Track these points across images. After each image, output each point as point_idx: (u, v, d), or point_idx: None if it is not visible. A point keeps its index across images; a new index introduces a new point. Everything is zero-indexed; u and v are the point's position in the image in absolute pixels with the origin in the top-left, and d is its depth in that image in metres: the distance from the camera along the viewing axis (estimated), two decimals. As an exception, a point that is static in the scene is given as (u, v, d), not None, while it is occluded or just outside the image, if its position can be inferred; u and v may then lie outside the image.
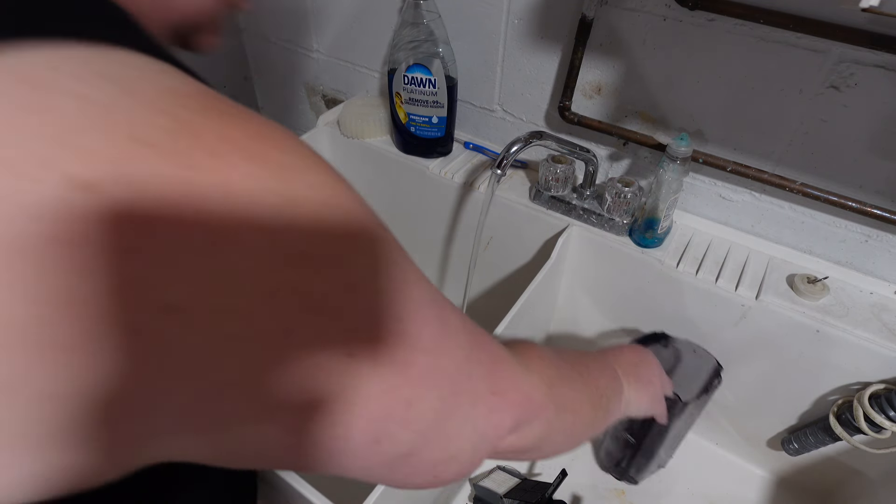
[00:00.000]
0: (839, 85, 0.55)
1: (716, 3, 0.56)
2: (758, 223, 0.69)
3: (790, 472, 0.75)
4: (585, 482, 0.76)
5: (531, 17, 0.69)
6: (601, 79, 0.69)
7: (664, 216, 0.65)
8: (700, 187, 0.70)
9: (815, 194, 0.60)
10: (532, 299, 0.65)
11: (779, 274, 0.65)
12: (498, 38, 0.73)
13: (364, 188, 0.94)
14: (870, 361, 0.59)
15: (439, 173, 0.80)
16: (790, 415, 0.69)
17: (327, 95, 1.00)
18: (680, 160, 0.60)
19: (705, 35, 0.59)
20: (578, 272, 0.75)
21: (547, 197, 0.73)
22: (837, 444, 0.64)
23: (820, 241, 0.66)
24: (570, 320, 0.82)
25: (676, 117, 0.66)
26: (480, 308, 0.93)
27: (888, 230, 0.61)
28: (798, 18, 0.53)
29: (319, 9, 0.88)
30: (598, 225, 0.71)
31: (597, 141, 0.75)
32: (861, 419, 0.58)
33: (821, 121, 0.58)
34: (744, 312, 0.64)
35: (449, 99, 0.75)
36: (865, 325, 0.59)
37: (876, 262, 0.63)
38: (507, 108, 0.79)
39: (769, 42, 0.56)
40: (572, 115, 0.71)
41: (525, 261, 0.81)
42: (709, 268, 0.66)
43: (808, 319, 0.61)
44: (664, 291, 0.68)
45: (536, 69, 0.73)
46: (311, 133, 0.89)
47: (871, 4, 0.34)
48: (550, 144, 0.67)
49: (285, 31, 0.96)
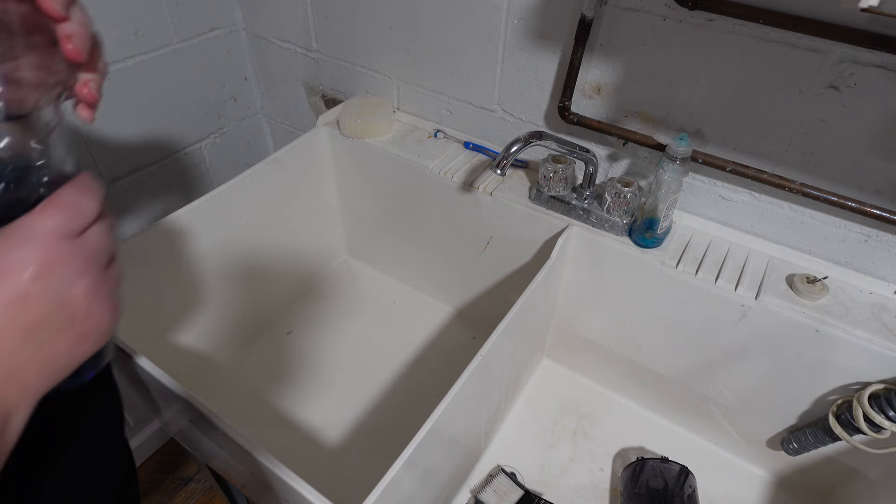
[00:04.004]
0: (839, 85, 0.55)
1: (716, 3, 0.56)
2: (757, 223, 0.69)
3: (790, 472, 0.75)
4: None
5: (531, 17, 0.69)
6: (601, 79, 0.69)
7: (664, 216, 0.65)
8: (700, 187, 0.70)
9: (815, 194, 0.60)
10: (532, 299, 0.65)
11: (778, 274, 0.65)
12: (498, 38, 0.73)
13: (364, 188, 0.94)
14: (869, 361, 0.59)
15: (439, 173, 0.80)
16: (790, 415, 0.69)
17: (327, 95, 1.00)
18: (679, 160, 0.60)
19: (705, 35, 0.59)
20: (578, 272, 0.75)
21: (547, 197, 0.73)
22: (837, 444, 0.64)
23: (819, 241, 0.66)
24: (570, 320, 0.82)
25: (676, 117, 0.66)
26: (480, 308, 0.93)
27: (888, 230, 0.61)
28: (798, 18, 0.53)
29: (319, 9, 0.88)
30: (598, 225, 0.71)
31: (596, 141, 0.75)
32: (860, 419, 0.58)
33: (820, 121, 0.58)
34: (743, 312, 0.64)
35: None
36: (865, 325, 0.59)
37: (875, 262, 0.63)
38: (507, 108, 0.80)
39: (769, 42, 0.56)
40: (572, 115, 0.71)
41: (525, 261, 0.81)
42: (708, 268, 0.66)
43: (808, 319, 0.61)
44: (664, 291, 0.68)
45: (536, 69, 0.73)
46: (311, 133, 0.89)
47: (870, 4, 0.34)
48: (550, 144, 0.67)
49: (285, 31, 0.96)
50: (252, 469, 0.58)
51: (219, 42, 0.99)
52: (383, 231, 0.98)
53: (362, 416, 0.83)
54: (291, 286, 1.00)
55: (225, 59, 1.01)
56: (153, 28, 0.87)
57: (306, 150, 0.89)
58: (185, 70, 0.95)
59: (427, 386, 0.87)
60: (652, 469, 0.70)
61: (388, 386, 0.87)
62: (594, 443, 0.80)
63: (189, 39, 0.93)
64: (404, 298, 1.01)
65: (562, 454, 0.78)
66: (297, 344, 0.93)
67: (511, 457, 0.77)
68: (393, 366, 0.90)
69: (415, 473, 0.52)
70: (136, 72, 0.88)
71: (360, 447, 0.79)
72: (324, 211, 0.99)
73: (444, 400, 0.52)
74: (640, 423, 0.82)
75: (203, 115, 1.02)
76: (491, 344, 0.57)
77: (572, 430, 0.81)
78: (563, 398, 0.85)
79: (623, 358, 0.80)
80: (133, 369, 0.57)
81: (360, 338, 0.94)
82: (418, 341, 0.94)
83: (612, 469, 0.77)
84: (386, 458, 0.47)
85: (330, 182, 0.96)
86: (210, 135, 1.05)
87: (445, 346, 0.93)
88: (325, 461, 0.77)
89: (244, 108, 1.10)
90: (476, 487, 0.73)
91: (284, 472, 0.47)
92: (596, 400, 0.85)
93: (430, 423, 0.50)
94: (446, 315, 0.98)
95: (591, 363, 0.86)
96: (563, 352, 0.88)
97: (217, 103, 1.04)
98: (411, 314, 0.99)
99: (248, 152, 1.15)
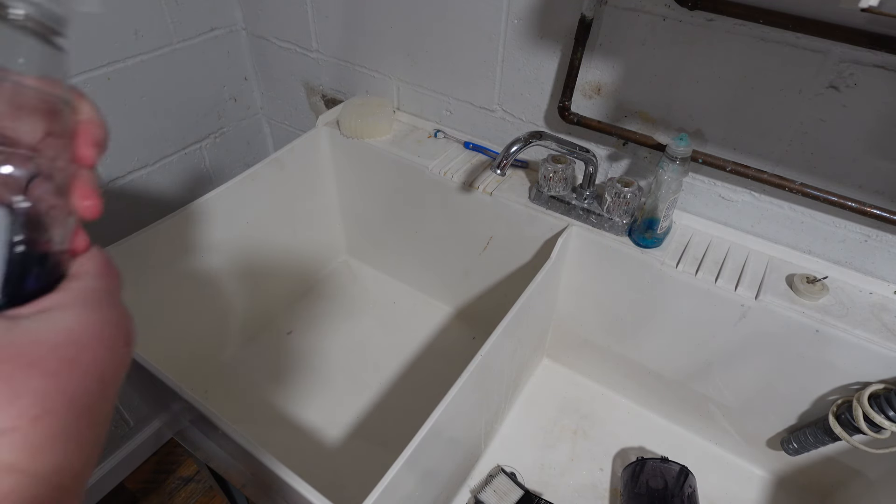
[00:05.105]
0: (839, 85, 0.55)
1: (715, 3, 0.56)
2: (757, 223, 0.69)
3: (790, 472, 0.75)
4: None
5: (531, 17, 0.69)
6: (601, 79, 0.69)
7: (664, 216, 0.65)
8: (699, 187, 0.70)
9: (815, 194, 0.60)
10: (532, 299, 0.65)
11: (778, 274, 0.65)
12: (497, 38, 0.73)
13: (364, 188, 0.94)
14: (869, 361, 0.59)
15: (439, 173, 0.80)
16: (790, 415, 0.69)
17: (327, 95, 1.00)
18: (679, 160, 0.60)
19: (705, 35, 0.59)
20: (578, 272, 0.75)
21: (547, 197, 0.73)
22: (837, 444, 0.64)
23: (819, 240, 0.66)
24: (570, 320, 0.82)
25: (676, 117, 0.66)
26: (480, 308, 0.93)
27: (887, 230, 0.61)
28: (798, 18, 0.53)
29: (319, 9, 0.88)
30: (598, 225, 0.71)
31: (596, 141, 0.75)
32: (860, 419, 0.58)
33: (820, 121, 0.58)
34: (743, 312, 0.64)
35: None
36: (865, 325, 0.59)
37: (875, 261, 0.63)
38: (507, 108, 0.80)
39: (769, 42, 0.56)
40: (572, 115, 0.71)
41: (525, 261, 0.81)
42: (708, 268, 0.66)
43: (808, 319, 0.61)
44: (664, 291, 0.68)
45: (536, 69, 0.73)
46: (311, 133, 0.89)
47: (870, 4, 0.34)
48: (550, 144, 0.67)
49: (285, 31, 0.96)
50: (252, 469, 0.58)
51: (219, 42, 0.99)
52: (383, 231, 0.98)
53: (362, 416, 0.83)
54: (291, 286, 1.00)
55: (225, 59, 1.01)
56: (153, 28, 0.87)
57: (306, 150, 0.89)
58: (185, 70, 0.95)
59: (427, 386, 0.87)
60: (652, 469, 0.70)
61: (388, 386, 0.87)
62: (594, 443, 0.80)
63: (189, 39, 0.93)
64: (404, 298, 1.01)
65: (562, 454, 0.78)
66: (297, 344, 0.93)
67: (511, 457, 0.77)
68: (393, 366, 0.90)
69: (415, 473, 0.52)
70: (136, 72, 0.88)
71: (360, 447, 0.79)
72: (324, 211, 0.99)
73: (444, 400, 0.52)
74: (640, 423, 0.82)
75: (203, 115, 1.02)
76: (491, 344, 0.57)
77: (572, 430, 0.81)
78: (563, 398, 0.85)
79: (623, 358, 0.80)
80: (133, 369, 0.57)
81: (360, 338, 0.94)
82: (418, 341, 0.94)
83: (612, 469, 0.77)
84: (386, 459, 0.47)
85: (330, 182, 0.96)
86: (210, 135, 1.05)
87: (445, 346, 0.93)
88: (325, 461, 0.77)
89: (244, 108, 1.10)
90: (476, 487, 0.73)
91: (284, 472, 0.47)
92: (596, 400, 0.85)
93: (430, 423, 0.50)
94: (446, 315, 0.98)
95: (591, 363, 0.86)
96: (563, 352, 0.88)
97: (217, 103, 1.04)
98: (411, 314, 0.99)
99: (248, 152, 1.15)
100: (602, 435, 0.81)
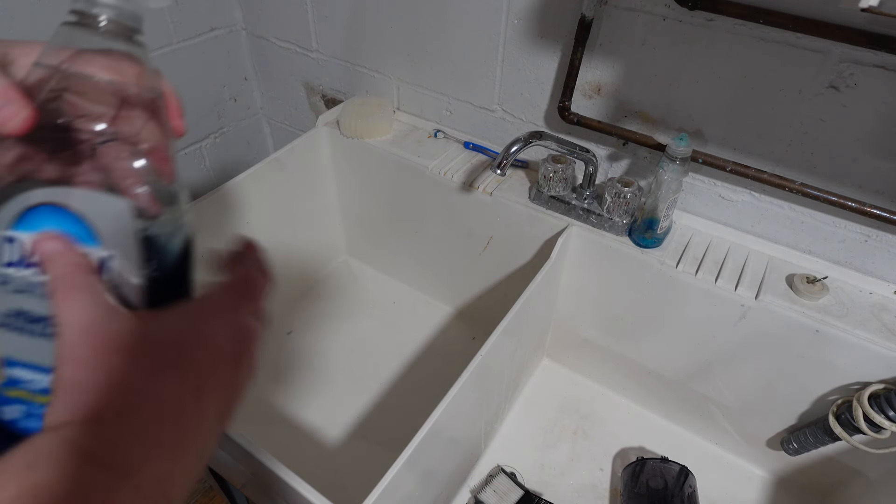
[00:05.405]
0: (839, 85, 0.55)
1: (715, 3, 0.56)
2: (757, 223, 0.69)
3: (790, 472, 0.75)
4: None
5: (531, 17, 0.69)
6: (601, 79, 0.69)
7: (664, 216, 0.65)
8: (699, 187, 0.70)
9: (815, 194, 0.60)
10: (532, 299, 0.65)
11: (778, 274, 0.65)
12: (497, 38, 0.73)
13: (364, 188, 0.94)
14: (869, 361, 0.59)
15: (439, 173, 0.80)
16: (790, 415, 0.69)
17: (327, 95, 1.00)
18: (679, 160, 0.60)
19: (705, 35, 0.59)
20: (578, 272, 0.75)
21: (547, 197, 0.73)
22: (837, 444, 0.64)
23: (819, 240, 0.66)
24: (570, 320, 0.82)
25: (676, 117, 0.66)
26: (480, 308, 0.93)
27: (887, 230, 0.61)
28: (798, 18, 0.53)
29: (319, 9, 0.88)
30: (598, 225, 0.71)
31: (596, 141, 0.75)
32: (860, 419, 0.58)
33: (820, 121, 0.58)
34: (743, 312, 0.64)
35: None
36: (865, 325, 0.59)
37: (875, 261, 0.63)
38: (507, 108, 0.79)
39: (769, 42, 0.56)
40: (572, 115, 0.71)
41: (525, 261, 0.81)
42: (708, 268, 0.66)
43: (808, 319, 0.61)
44: (664, 291, 0.68)
45: (536, 69, 0.73)
46: (311, 133, 0.89)
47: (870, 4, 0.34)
48: (550, 144, 0.67)
49: (285, 31, 0.96)
50: (252, 469, 0.58)
51: (219, 42, 0.99)
52: (383, 231, 0.98)
53: (362, 416, 0.83)
54: (291, 286, 0.99)
55: (225, 59, 1.01)
56: (153, 28, 0.87)
57: (306, 150, 0.89)
58: (185, 70, 0.95)
59: (427, 386, 0.87)
60: (652, 469, 0.70)
61: (388, 386, 0.87)
62: (594, 443, 0.80)
63: (189, 39, 0.93)
64: (404, 298, 1.01)
65: (562, 454, 0.78)
66: (297, 344, 0.93)
67: (511, 457, 0.77)
68: (393, 366, 0.90)
69: (415, 473, 0.52)
70: (136, 72, 0.88)
71: (360, 447, 0.79)
72: (324, 211, 0.99)
73: (444, 400, 0.52)
74: (640, 423, 0.82)
75: (203, 115, 1.02)
76: (491, 344, 0.57)
77: (572, 430, 0.81)
78: (563, 398, 0.85)
79: (623, 358, 0.80)
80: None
81: (360, 338, 0.94)
82: (418, 341, 0.94)
83: (612, 469, 0.77)
84: (386, 459, 0.47)
85: (330, 182, 0.96)
86: (210, 135, 1.05)
87: (445, 346, 0.93)
88: (325, 461, 0.77)
89: (244, 108, 1.10)
90: (476, 487, 0.73)
91: (284, 473, 0.47)
92: (596, 400, 0.85)
93: (430, 423, 0.50)
94: (446, 315, 0.98)
95: (591, 363, 0.86)
96: (563, 352, 0.88)
97: (217, 103, 1.04)
98: (411, 314, 0.99)
99: (248, 152, 1.15)
100: (602, 435, 0.81)
